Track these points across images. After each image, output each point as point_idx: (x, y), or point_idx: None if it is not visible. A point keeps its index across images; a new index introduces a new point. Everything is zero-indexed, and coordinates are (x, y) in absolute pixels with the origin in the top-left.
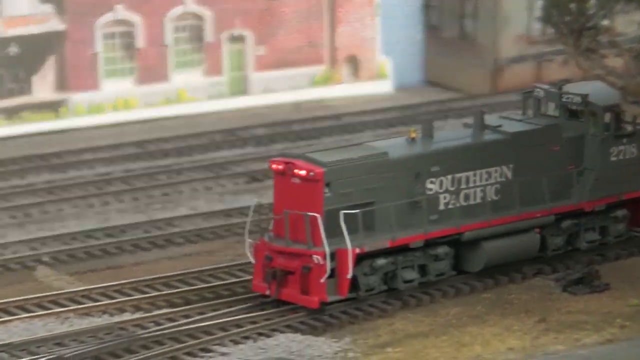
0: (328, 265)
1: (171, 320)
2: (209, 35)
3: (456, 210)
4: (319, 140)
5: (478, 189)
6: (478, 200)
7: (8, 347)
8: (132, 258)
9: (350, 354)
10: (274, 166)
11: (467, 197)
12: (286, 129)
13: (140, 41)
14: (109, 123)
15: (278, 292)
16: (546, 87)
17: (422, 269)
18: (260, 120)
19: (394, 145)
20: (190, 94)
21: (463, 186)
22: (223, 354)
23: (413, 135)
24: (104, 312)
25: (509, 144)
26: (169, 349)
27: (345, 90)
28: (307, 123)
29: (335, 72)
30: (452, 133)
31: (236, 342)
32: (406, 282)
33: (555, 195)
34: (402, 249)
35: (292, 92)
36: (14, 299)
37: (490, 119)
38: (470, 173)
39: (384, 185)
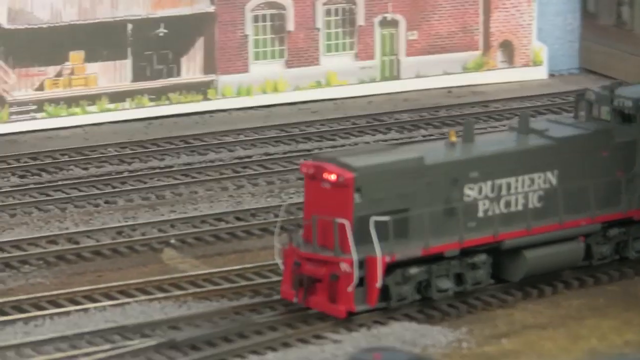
0: (356, 273)
1: (286, 305)
2: (360, 19)
3: (495, 218)
4: (461, 126)
5: (520, 196)
6: (519, 208)
7: (122, 330)
8: (259, 242)
9: (464, 344)
10: (304, 170)
11: (507, 204)
12: (432, 115)
13: (291, 24)
14: (256, 105)
15: (305, 300)
16: (598, 90)
17: (459, 278)
18: (408, 106)
19: (432, 149)
20: (340, 78)
21: (504, 192)
22: (335, 341)
23: (453, 138)
24: (222, 297)
25: (554, 149)
26: (281, 334)
27: (499, 76)
28: (454, 109)
29: (489, 58)
30: (494, 137)
31: (349, 330)
32: (440, 291)
33: (603, 203)
34: (437, 258)
35: (444, 77)
36: (135, 281)
37: (537, 123)
38: (512, 179)
39: (418, 191)
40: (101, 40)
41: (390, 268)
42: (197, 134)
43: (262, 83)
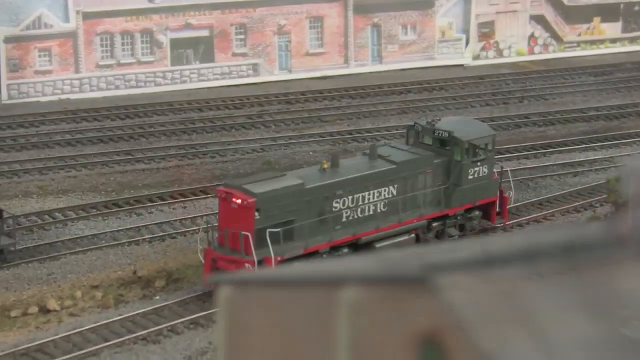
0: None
1: None
2: None
3: (354, 222)
4: None
5: (371, 204)
6: (371, 213)
7: None
8: None
9: None
10: (218, 194)
11: (362, 211)
12: None
13: None
14: None
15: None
16: (423, 123)
17: None
18: None
19: (310, 174)
20: None
21: (360, 203)
22: None
23: (325, 165)
24: None
25: (394, 170)
26: None
27: None
28: None
29: None
30: (353, 161)
31: None
32: None
33: (428, 205)
34: (315, 253)
35: None
36: None
37: (382, 149)
38: (366, 193)
39: (301, 207)
40: None
41: (281, 262)
42: None
43: None
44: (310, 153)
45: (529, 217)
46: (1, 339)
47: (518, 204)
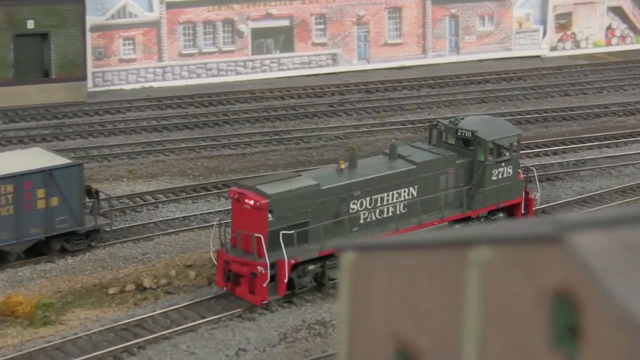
0: (268, 273)
1: None
2: None
3: (372, 223)
4: None
5: (390, 206)
6: (390, 214)
7: None
8: None
9: None
10: (231, 194)
11: (381, 212)
12: None
13: None
14: None
15: (233, 289)
16: (446, 122)
17: None
18: None
19: (326, 175)
20: None
21: (378, 204)
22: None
23: (342, 166)
24: None
25: (415, 170)
26: None
27: None
28: None
29: None
30: (372, 161)
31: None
32: (331, 280)
33: (450, 207)
34: (330, 256)
35: None
36: None
37: (403, 149)
38: (385, 194)
39: (316, 209)
40: None
41: (295, 265)
42: None
43: None
44: (393, 140)
45: (612, 204)
46: (101, 314)
47: (601, 191)
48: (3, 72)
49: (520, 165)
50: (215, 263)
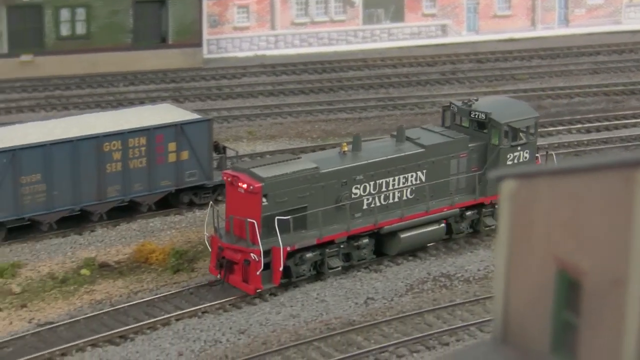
0: (262, 261)
1: None
2: None
3: (376, 209)
4: None
5: (396, 191)
6: (395, 200)
7: None
8: None
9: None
10: (225, 177)
11: (386, 198)
12: None
13: None
14: None
15: (226, 277)
16: (459, 103)
17: (347, 256)
18: None
19: (327, 158)
20: None
21: (383, 189)
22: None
23: (345, 149)
24: None
25: (423, 154)
26: None
27: None
28: None
29: None
30: (377, 144)
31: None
32: (331, 268)
33: (461, 193)
34: (330, 243)
35: None
36: None
37: (412, 131)
38: (390, 179)
39: (314, 193)
40: None
41: (291, 253)
42: None
43: None
44: None
45: None
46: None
47: None
48: (122, 37)
49: (539, 151)
50: (210, 249)
